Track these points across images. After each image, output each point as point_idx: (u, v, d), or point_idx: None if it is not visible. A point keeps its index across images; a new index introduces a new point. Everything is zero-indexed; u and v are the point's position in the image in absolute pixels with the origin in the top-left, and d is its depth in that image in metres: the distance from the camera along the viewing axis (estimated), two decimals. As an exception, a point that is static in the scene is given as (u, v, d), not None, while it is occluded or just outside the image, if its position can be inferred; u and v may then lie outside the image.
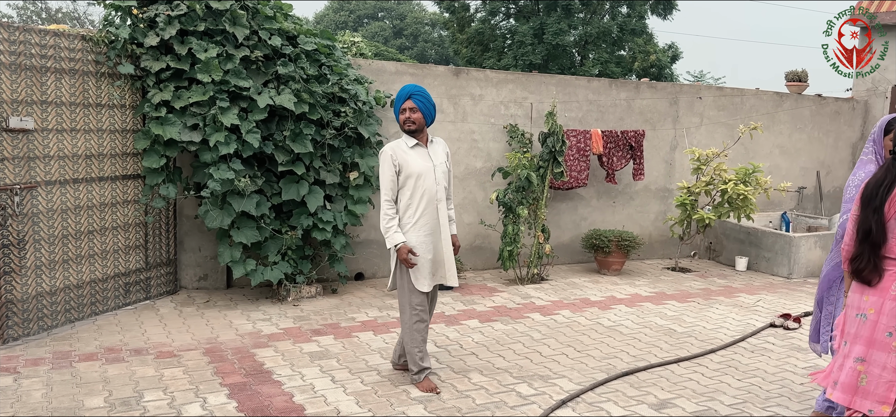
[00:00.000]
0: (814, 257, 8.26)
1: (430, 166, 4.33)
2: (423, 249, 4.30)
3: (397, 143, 4.35)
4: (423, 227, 4.31)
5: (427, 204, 4.31)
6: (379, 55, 25.26)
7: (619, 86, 8.59)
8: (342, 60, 6.56)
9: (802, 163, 10.17)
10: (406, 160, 4.27)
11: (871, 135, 4.02)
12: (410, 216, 4.30)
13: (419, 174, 4.27)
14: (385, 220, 4.28)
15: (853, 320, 3.50)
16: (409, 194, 4.29)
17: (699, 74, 32.84)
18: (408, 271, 4.32)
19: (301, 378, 4.57)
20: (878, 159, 3.97)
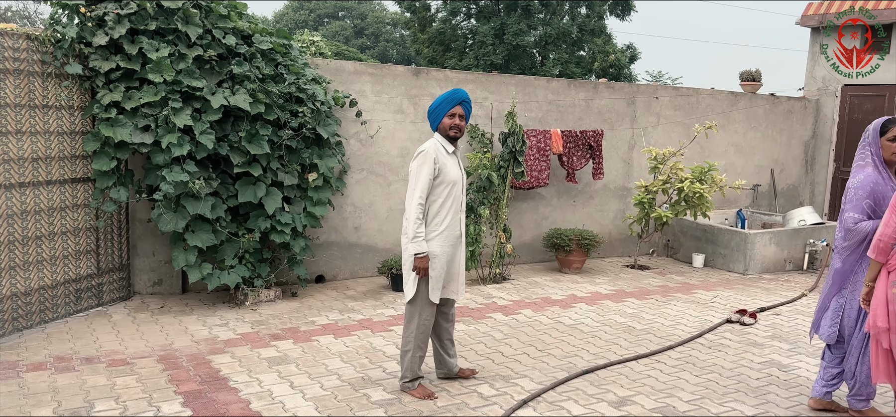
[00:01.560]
0: (769, 253, 8.44)
1: (461, 176, 4.28)
2: (443, 259, 4.21)
3: (438, 145, 4.20)
4: (449, 237, 4.23)
5: (454, 214, 4.24)
6: (339, 55, 25.06)
7: (577, 86, 8.65)
8: (299, 59, 6.47)
9: (757, 161, 10.38)
10: (446, 166, 4.16)
11: (864, 139, 4.12)
12: (437, 224, 4.19)
13: (454, 183, 4.19)
14: (416, 224, 4.10)
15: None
16: (441, 201, 4.16)
17: (657, 74, 33.37)
18: (424, 281, 4.20)
19: (258, 385, 4.48)
20: (874, 160, 4.06)
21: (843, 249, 4.14)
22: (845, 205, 4.10)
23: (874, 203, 4.00)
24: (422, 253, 4.10)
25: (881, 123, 4.07)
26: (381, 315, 6.06)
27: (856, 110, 10.52)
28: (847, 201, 4.09)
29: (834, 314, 4.23)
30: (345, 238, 7.28)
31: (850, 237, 4.06)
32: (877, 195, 3.99)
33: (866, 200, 4.00)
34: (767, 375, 4.95)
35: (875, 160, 4.06)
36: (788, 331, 6.04)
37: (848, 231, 4.06)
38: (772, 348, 5.56)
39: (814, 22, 10.80)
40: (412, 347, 4.30)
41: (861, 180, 4.03)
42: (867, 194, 4.00)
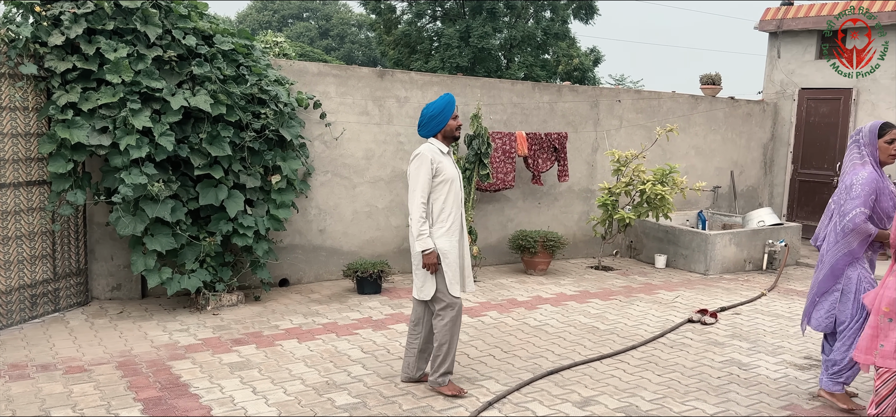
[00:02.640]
0: (729, 253, 8.60)
1: (458, 173, 4.44)
2: (454, 253, 4.34)
3: (432, 148, 4.35)
4: (455, 232, 4.36)
5: (456, 210, 4.38)
6: (304, 56, 24.86)
7: (542, 89, 8.71)
8: (262, 60, 6.39)
9: (717, 163, 10.57)
10: (442, 165, 4.31)
11: (857, 141, 4.36)
12: (444, 220, 4.33)
13: (452, 180, 4.34)
14: (419, 222, 4.24)
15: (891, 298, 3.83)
16: (443, 199, 4.31)
17: (619, 77, 33.83)
18: (444, 277, 4.30)
19: (220, 391, 4.41)
20: (871, 160, 4.30)
21: (841, 243, 4.34)
22: (848, 201, 4.28)
23: (876, 199, 4.25)
24: (428, 250, 4.22)
25: (878, 125, 4.32)
26: (347, 319, 6.02)
27: (812, 113, 10.79)
28: (852, 196, 4.27)
29: (830, 305, 4.44)
30: (309, 241, 7.21)
31: (856, 235, 4.28)
32: (878, 192, 4.25)
33: (871, 196, 4.23)
34: (728, 374, 5.04)
35: (871, 160, 4.30)
36: (748, 330, 6.16)
37: (856, 228, 4.25)
38: (732, 347, 5.67)
39: (771, 27, 11.05)
40: (448, 339, 4.36)
41: (865, 176, 4.25)
42: (872, 191, 4.22)
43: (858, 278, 4.35)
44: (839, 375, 4.41)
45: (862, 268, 4.36)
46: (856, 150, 4.37)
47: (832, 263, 4.40)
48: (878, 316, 3.86)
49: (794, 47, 10.94)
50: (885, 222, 4.31)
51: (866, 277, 4.35)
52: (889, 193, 4.30)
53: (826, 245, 4.46)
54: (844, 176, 4.38)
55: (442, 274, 4.31)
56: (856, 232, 4.27)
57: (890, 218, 4.30)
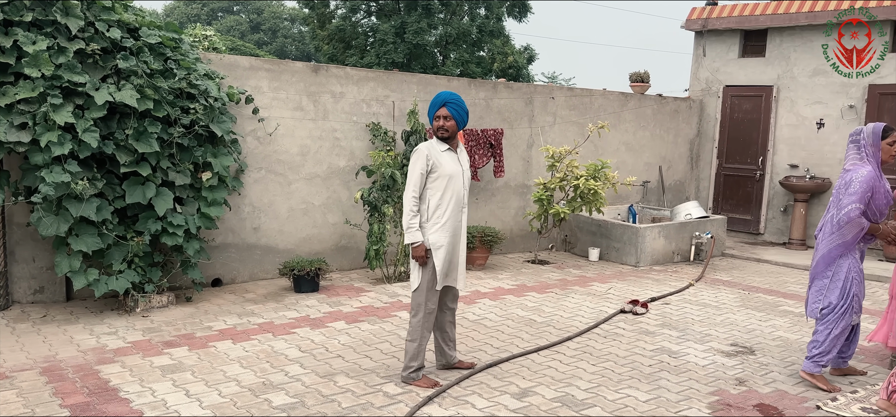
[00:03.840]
0: (658, 246, 8.86)
1: (460, 170, 4.50)
2: (445, 250, 4.42)
3: (432, 143, 4.49)
4: (450, 228, 4.44)
5: (455, 207, 4.46)
6: (235, 50, 24.30)
7: (477, 86, 8.77)
8: (190, 53, 6.21)
9: (646, 159, 10.88)
10: (440, 161, 4.40)
11: (858, 140, 4.75)
12: (439, 216, 4.42)
13: (451, 176, 4.42)
14: (409, 216, 4.37)
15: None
16: (440, 194, 4.40)
17: (552, 75, 34.39)
18: (430, 270, 4.41)
19: (152, 394, 4.27)
20: (871, 160, 4.67)
21: (836, 234, 4.72)
22: (845, 196, 4.64)
23: (872, 196, 4.62)
24: (416, 243, 4.35)
25: (881, 127, 4.69)
26: (283, 318, 5.92)
27: (736, 110, 11.23)
28: (850, 192, 4.62)
29: (818, 290, 4.84)
30: (243, 240, 7.06)
31: (851, 227, 4.64)
32: (874, 190, 4.62)
33: (868, 192, 4.59)
34: (659, 361, 5.20)
35: (871, 160, 4.67)
36: (677, 319, 6.37)
37: (851, 221, 4.61)
38: (662, 336, 5.85)
39: (697, 26, 11.44)
40: (418, 336, 4.47)
41: (865, 174, 4.60)
42: (869, 188, 4.58)
43: (848, 267, 4.72)
44: (821, 357, 4.76)
45: (853, 259, 4.74)
46: (855, 149, 4.75)
47: (826, 251, 4.79)
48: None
49: (719, 46, 11.36)
50: (877, 217, 4.70)
51: (855, 267, 4.74)
52: (885, 192, 4.67)
53: (822, 235, 4.86)
54: (844, 173, 4.76)
55: (430, 269, 4.41)
56: (850, 224, 4.62)
57: (883, 215, 4.72)
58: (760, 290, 7.72)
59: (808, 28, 10.28)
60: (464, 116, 4.53)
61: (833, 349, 4.76)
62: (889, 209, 4.77)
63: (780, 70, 10.68)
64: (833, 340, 4.74)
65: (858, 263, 4.78)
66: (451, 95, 4.51)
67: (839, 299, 4.74)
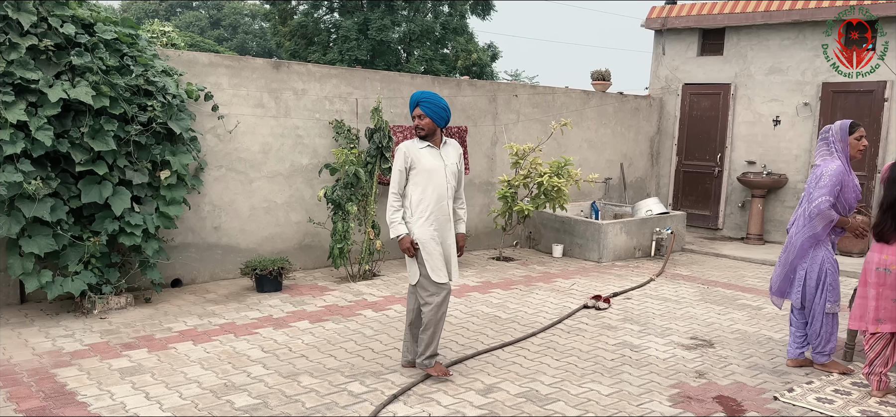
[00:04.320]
0: (620, 242, 8.98)
1: (441, 165, 4.58)
2: (433, 242, 4.53)
3: (411, 141, 4.63)
4: (434, 221, 4.55)
5: (437, 201, 4.55)
6: (194, 46, 23.89)
7: (441, 83, 8.77)
8: (148, 50, 6.08)
9: (608, 156, 11.02)
10: (418, 158, 4.53)
11: (826, 138, 4.97)
12: (422, 211, 4.54)
13: (430, 171, 4.52)
14: (390, 211, 4.57)
15: (873, 272, 4.60)
16: (421, 189, 4.53)
17: (515, 73, 34.59)
18: (426, 264, 4.50)
19: (110, 397, 4.18)
20: (840, 155, 4.88)
21: (807, 227, 4.96)
22: (816, 189, 4.88)
23: (841, 190, 4.84)
24: (400, 236, 4.49)
25: (848, 124, 4.92)
26: (245, 318, 5.84)
27: (695, 107, 11.43)
28: (820, 186, 4.86)
29: (798, 282, 5.08)
30: (203, 239, 6.94)
31: (820, 220, 4.87)
32: (843, 184, 4.84)
33: (837, 186, 4.82)
34: (621, 355, 5.27)
35: (840, 155, 4.88)
36: (639, 314, 6.46)
37: (821, 213, 4.84)
38: (624, 330, 5.93)
39: (657, 24, 11.62)
40: (433, 326, 4.56)
41: (834, 169, 4.83)
42: (838, 182, 4.81)
43: (822, 258, 4.96)
44: (824, 346, 5.02)
45: (826, 250, 4.98)
46: (825, 146, 4.96)
47: (799, 244, 5.01)
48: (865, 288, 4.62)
49: (678, 44, 11.55)
50: (846, 211, 4.92)
51: (829, 258, 4.97)
52: (853, 186, 4.88)
53: (795, 229, 5.08)
54: (815, 169, 4.99)
55: (423, 262, 4.51)
56: (820, 217, 4.85)
57: (852, 208, 4.94)
58: (719, 284, 7.87)
59: (764, 27, 10.51)
60: (440, 111, 4.58)
61: (831, 338, 5.02)
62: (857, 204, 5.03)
63: (737, 68, 10.91)
64: (825, 328, 5.01)
65: (831, 253, 5.01)
66: (424, 94, 4.59)
67: (816, 288, 5.00)
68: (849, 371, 5.00)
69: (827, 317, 5.01)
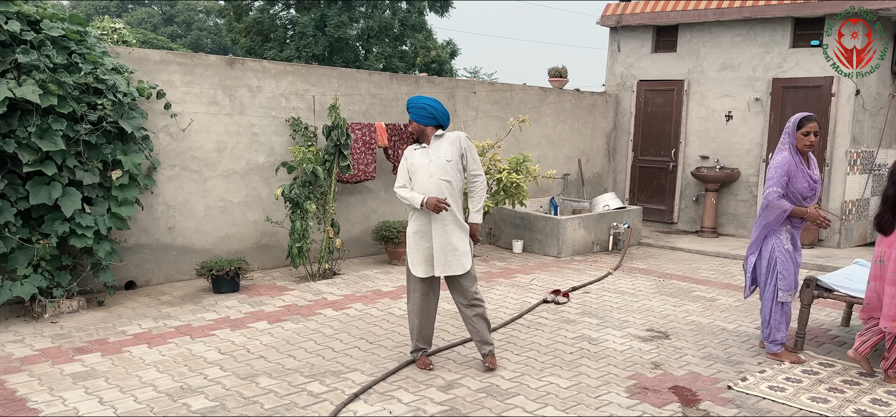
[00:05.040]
0: (579, 237, 9.09)
1: (426, 162, 4.73)
2: (416, 236, 4.73)
3: (413, 145, 4.87)
4: (419, 217, 4.73)
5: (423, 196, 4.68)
6: (147, 44, 23.39)
7: (400, 80, 8.75)
8: (97, 47, 5.93)
9: (566, 152, 11.14)
10: (412, 159, 4.80)
11: (786, 129, 5.13)
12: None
13: (417, 170, 4.73)
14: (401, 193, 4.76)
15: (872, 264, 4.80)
16: (412, 187, 4.77)
17: (474, 70, 34.70)
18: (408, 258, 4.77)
19: (62, 403, 4.07)
20: (790, 147, 5.08)
21: (761, 217, 5.16)
22: (767, 182, 5.09)
23: (788, 180, 5.02)
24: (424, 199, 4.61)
25: (799, 118, 5.07)
26: (202, 320, 5.75)
27: (649, 104, 11.63)
28: (769, 178, 5.07)
29: (751, 268, 5.29)
30: (157, 240, 6.80)
31: (771, 210, 5.07)
32: (790, 174, 5.01)
33: (784, 177, 5.01)
34: (579, 348, 5.34)
35: (791, 148, 5.06)
36: (597, 307, 6.55)
37: (770, 204, 5.04)
38: (583, 323, 6.01)
39: (611, 22, 11.78)
40: (411, 318, 4.84)
41: (779, 160, 5.05)
42: (784, 172, 5.01)
43: (772, 247, 5.14)
44: (772, 334, 5.19)
45: (776, 239, 5.14)
46: (784, 137, 5.14)
47: (755, 235, 5.25)
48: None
49: (633, 42, 11.73)
50: (800, 200, 5.06)
51: (779, 247, 5.12)
52: (804, 175, 5.04)
53: (754, 221, 5.32)
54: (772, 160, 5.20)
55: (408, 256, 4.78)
56: (770, 208, 5.05)
57: (804, 198, 5.08)
58: (674, 277, 8.03)
59: (716, 24, 10.75)
60: (422, 112, 4.76)
61: (780, 326, 5.18)
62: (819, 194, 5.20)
63: (690, 65, 11.13)
64: (774, 316, 5.18)
65: (782, 243, 5.14)
66: (411, 100, 4.82)
67: (765, 275, 5.19)
68: (800, 361, 5.13)
69: (776, 305, 5.16)
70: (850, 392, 4.59)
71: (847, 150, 9.68)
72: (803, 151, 5.11)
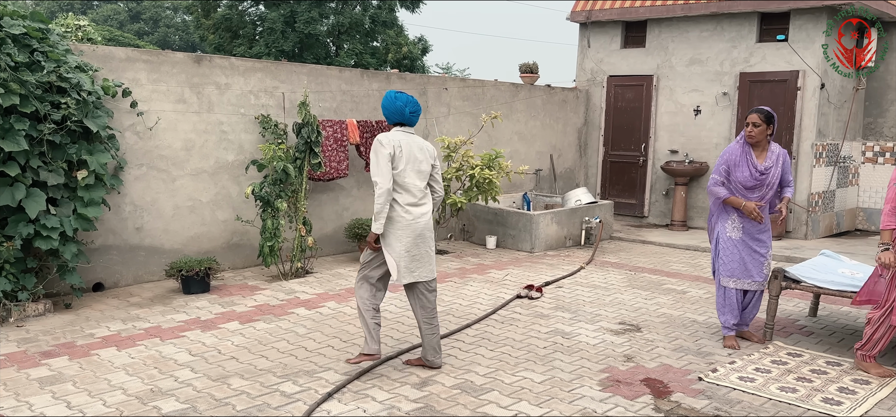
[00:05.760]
0: (551, 232, 9.14)
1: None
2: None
3: None
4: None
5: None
6: (113, 41, 22.97)
7: (370, 76, 8.70)
8: (60, 44, 5.80)
9: (538, 147, 11.18)
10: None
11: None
12: None
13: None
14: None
15: None
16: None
17: (446, 66, 34.68)
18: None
19: (29, 409, 3.98)
20: (742, 138, 5.27)
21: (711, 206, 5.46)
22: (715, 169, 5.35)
23: (728, 170, 5.24)
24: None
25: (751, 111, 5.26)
26: (172, 321, 5.66)
27: (619, 99, 11.73)
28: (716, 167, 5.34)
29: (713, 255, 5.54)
30: (125, 241, 6.68)
31: (709, 197, 5.39)
32: (730, 164, 5.23)
33: (723, 165, 5.26)
34: (553, 343, 5.37)
35: (742, 139, 5.26)
36: (570, 302, 6.59)
37: (708, 191, 5.36)
38: (556, 318, 6.04)
39: (581, 18, 11.84)
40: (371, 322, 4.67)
41: (724, 150, 5.33)
42: (724, 161, 5.26)
43: (718, 233, 5.40)
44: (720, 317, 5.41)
45: (722, 226, 5.36)
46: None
47: (709, 225, 5.54)
48: None
49: (603, 37, 11.82)
50: (741, 191, 5.23)
51: (723, 234, 5.34)
52: (747, 165, 5.17)
53: None
54: None
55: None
56: (709, 195, 5.36)
57: (747, 188, 5.21)
58: (645, 270, 8.12)
59: (684, 19, 10.87)
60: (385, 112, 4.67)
61: (723, 309, 5.34)
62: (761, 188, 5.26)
63: (659, 60, 11.24)
64: (718, 300, 5.39)
65: (726, 231, 5.32)
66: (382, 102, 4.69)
67: (713, 261, 5.47)
68: (735, 347, 5.29)
69: (719, 289, 5.41)
70: (818, 380, 4.68)
71: (813, 143, 9.87)
72: (751, 142, 5.23)
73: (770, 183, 5.23)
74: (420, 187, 4.57)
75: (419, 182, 4.56)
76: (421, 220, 4.55)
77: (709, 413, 4.15)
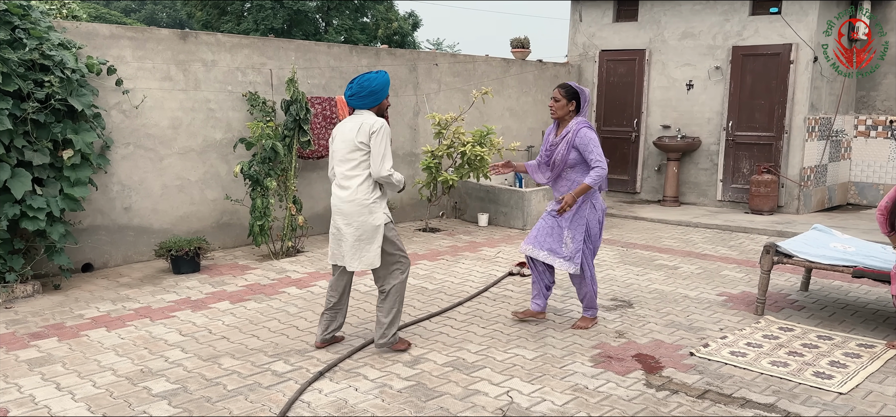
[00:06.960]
0: (543, 208, 9.12)
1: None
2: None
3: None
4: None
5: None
6: (99, 18, 22.68)
7: (359, 52, 8.61)
8: (42, 21, 5.69)
9: (529, 124, 11.13)
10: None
11: None
12: None
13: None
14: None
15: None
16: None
17: (436, 41, 34.46)
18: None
19: (18, 390, 3.94)
20: None
21: None
22: None
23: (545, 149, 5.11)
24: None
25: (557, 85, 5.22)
26: (161, 301, 5.62)
27: (612, 73, 11.66)
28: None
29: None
30: (114, 221, 6.62)
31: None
32: (546, 143, 5.13)
33: (543, 145, 5.17)
34: (545, 320, 5.35)
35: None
36: (562, 278, 6.58)
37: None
38: (549, 294, 6.03)
39: (574, -7, 11.73)
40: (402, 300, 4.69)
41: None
42: (543, 142, 5.18)
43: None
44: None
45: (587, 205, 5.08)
46: None
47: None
48: None
49: (594, 11, 11.72)
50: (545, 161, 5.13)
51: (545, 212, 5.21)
52: (546, 138, 5.13)
53: None
54: None
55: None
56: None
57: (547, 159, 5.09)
58: (637, 246, 8.12)
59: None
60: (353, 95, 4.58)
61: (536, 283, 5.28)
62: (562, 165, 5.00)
63: (651, 34, 11.17)
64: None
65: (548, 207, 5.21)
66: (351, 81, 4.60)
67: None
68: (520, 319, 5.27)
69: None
70: (809, 355, 4.69)
71: (805, 116, 9.85)
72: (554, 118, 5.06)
73: (556, 161, 4.97)
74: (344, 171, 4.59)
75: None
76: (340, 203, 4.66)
77: (700, 388, 4.15)
